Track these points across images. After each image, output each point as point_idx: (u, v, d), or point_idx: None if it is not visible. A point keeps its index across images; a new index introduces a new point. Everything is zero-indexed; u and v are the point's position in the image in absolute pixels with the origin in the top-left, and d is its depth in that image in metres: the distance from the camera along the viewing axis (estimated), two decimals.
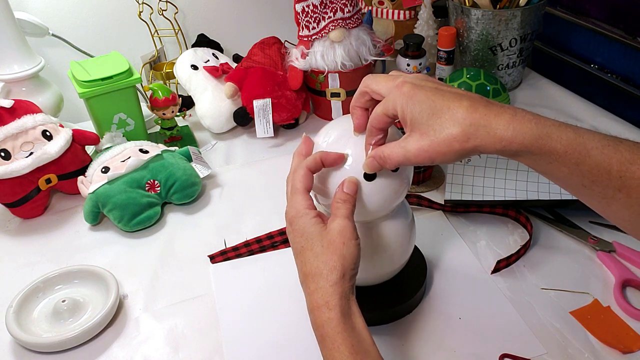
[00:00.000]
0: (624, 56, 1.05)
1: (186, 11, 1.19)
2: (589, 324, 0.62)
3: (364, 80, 0.52)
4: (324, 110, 1.08)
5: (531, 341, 0.60)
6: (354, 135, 0.53)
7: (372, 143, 0.52)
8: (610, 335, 0.60)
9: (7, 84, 0.94)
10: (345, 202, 0.51)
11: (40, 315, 0.68)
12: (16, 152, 0.82)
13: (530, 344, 0.60)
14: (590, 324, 0.62)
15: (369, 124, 0.51)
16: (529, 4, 1.01)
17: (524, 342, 0.60)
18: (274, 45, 1.08)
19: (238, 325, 0.66)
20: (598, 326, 0.61)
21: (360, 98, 0.52)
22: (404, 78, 0.49)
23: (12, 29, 0.92)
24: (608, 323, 0.62)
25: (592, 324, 0.62)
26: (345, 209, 0.51)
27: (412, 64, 1.05)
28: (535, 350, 0.59)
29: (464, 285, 0.68)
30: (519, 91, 1.13)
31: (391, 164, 0.50)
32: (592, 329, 0.61)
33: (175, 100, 0.97)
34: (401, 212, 0.61)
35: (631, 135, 0.94)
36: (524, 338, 0.61)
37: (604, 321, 0.62)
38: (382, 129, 0.51)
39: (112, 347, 0.64)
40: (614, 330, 0.61)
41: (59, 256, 0.79)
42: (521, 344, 0.60)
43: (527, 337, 0.61)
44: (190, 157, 0.90)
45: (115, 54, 0.97)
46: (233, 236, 0.79)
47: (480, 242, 0.75)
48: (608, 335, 0.60)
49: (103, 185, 0.81)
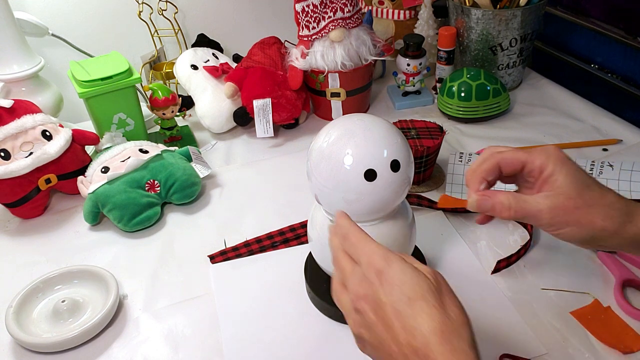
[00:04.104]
0: (624, 56, 1.05)
1: (186, 11, 1.19)
2: (589, 324, 0.62)
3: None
4: (324, 110, 1.07)
5: (531, 341, 0.60)
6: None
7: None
8: (611, 335, 0.60)
9: (6, 84, 0.94)
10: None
11: (40, 315, 0.68)
12: (16, 152, 0.82)
13: (530, 344, 0.60)
14: (591, 324, 0.62)
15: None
16: (529, 4, 1.01)
17: (524, 342, 0.60)
18: (274, 45, 1.08)
19: (238, 325, 0.66)
20: (598, 326, 0.61)
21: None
22: None
23: (11, 28, 0.92)
24: (608, 323, 0.61)
25: (592, 324, 0.62)
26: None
27: (412, 63, 1.05)
28: (535, 350, 0.59)
29: (464, 285, 0.68)
30: (519, 91, 1.13)
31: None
32: (593, 329, 0.61)
33: (175, 100, 0.97)
34: (401, 212, 0.60)
35: (631, 135, 0.94)
36: (524, 338, 0.61)
37: (604, 321, 0.62)
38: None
39: (112, 347, 0.64)
40: (614, 330, 0.61)
41: (58, 256, 0.79)
42: (521, 344, 0.60)
43: (527, 337, 0.61)
44: (190, 157, 0.90)
45: (115, 54, 0.97)
46: (233, 236, 0.79)
47: (480, 242, 0.75)
48: (608, 335, 0.60)
49: (103, 185, 0.81)
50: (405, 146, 0.56)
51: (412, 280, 0.39)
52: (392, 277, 0.39)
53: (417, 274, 0.40)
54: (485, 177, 0.49)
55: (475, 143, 0.96)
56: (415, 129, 0.84)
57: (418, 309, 0.38)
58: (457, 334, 0.37)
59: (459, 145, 0.96)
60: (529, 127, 1.00)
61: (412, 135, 0.83)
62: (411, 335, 0.37)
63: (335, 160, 0.54)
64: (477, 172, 0.50)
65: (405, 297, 0.38)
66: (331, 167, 0.54)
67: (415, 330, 0.37)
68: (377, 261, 0.41)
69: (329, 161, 0.54)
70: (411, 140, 0.82)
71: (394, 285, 0.39)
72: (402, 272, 0.39)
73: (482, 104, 0.99)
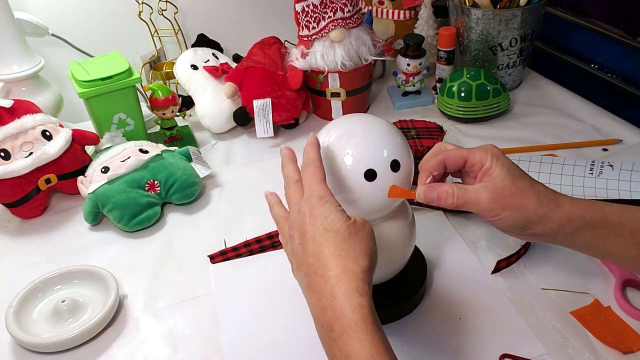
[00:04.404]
0: (624, 56, 1.05)
1: (186, 11, 1.19)
2: (589, 324, 0.62)
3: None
4: (324, 110, 1.07)
5: (531, 341, 0.60)
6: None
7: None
8: (611, 335, 0.60)
9: (6, 84, 0.94)
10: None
11: (40, 315, 0.68)
12: (16, 152, 0.82)
13: (530, 344, 0.60)
14: (591, 324, 0.62)
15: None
16: (529, 3, 1.01)
17: (524, 342, 0.60)
18: (274, 45, 1.08)
19: (238, 325, 0.66)
20: (598, 326, 0.61)
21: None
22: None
23: (11, 28, 0.92)
24: (608, 323, 0.61)
25: (592, 324, 0.62)
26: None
27: (412, 63, 1.05)
28: (535, 350, 0.59)
29: (464, 285, 0.68)
30: (519, 91, 1.13)
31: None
32: (593, 329, 0.61)
33: (175, 100, 0.97)
34: (401, 212, 0.60)
35: (631, 135, 0.94)
36: (524, 338, 0.61)
37: (604, 321, 0.62)
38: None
39: (112, 347, 0.64)
40: (614, 330, 0.61)
41: (58, 256, 0.79)
42: (521, 344, 0.60)
43: (527, 337, 0.61)
44: (190, 157, 0.90)
45: (115, 54, 0.97)
46: (233, 236, 0.79)
47: (480, 242, 0.75)
48: (608, 335, 0.60)
49: (103, 185, 0.81)
50: (405, 146, 0.56)
51: (333, 216, 0.47)
52: (320, 211, 0.47)
53: (340, 214, 0.47)
54: (432, 172, 0.55)
55: (475, 143, 0.96)
56: (415, 129, 0.84)
57: (328, 237, 0.46)
58: (352, 260, 0.45)
59: (458, 145, 0.96)
60: (529, 127, 1.00)
61: (412, 135, 0.83)
62: (316, 258, 0.46)
63: (335, 160, 0.54)
64: (425, 168, 0.55)
65: (322, 228, 0.47)
66: (331, 167, 0.54)
67: (320, 254, 0.46)
68: (314, 199, 0.48)
69: (329, 161, 0.54)
70: (411, 140, 0.82)
71: (318, 217, 0.47)
72: (329, 210, 0.47)
73: (482, 104, 0.99)
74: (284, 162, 0.54)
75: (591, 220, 0.51)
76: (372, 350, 0.41)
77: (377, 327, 0.43)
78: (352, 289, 0.44)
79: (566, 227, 0.51)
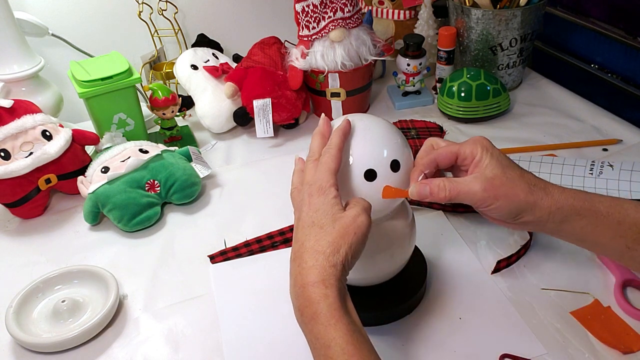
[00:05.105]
0: (624, 56, 1.05)
1: (186, 11, 1.19)
2: (589, 324, 0.62)
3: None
4: (324, 110, 1.07)
5: (531, 341, 0.60)
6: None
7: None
8: (611, 335, 0.60)
9: (6, 84, 0.94)
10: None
11: (40, 315, 0.68)
12: (16, 152, 0.82)
13: (530, 344, 0.60)
14: (591, 324, 0.62)
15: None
16: (529, 3, 1.01)
17: (524, 342, 0.60)
18: (274, 45, 1.08)
19: (238, 325, 0.66)
20: (598, 326, 0.61)
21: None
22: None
23: (11, 28, 0.92)
24: (608, 323, 0.61)
25: (592, 324, 0.62)
26: (367, 203, 0.52)
27: (412, 63, 1.05)
28: (535, 350, 0.59)
29: (464, 285, 0.68)
30: (519, 91, 1.13)
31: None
32: (593, 329, 0.61)
33: (175, 100, 0.97)
34: (401, 212, 0.61)
35: (631, 135, 0.94)
36: (524, 338, 0.61)
37: (604, 321, 0.62)
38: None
39: (112, 347, 0.64)
40: (614, 330, 0.61)
41: (58, 256, 0.79)
42: (521, 344, 0.60)
43: (527, 337, 0.61)
44: (190, 157, 0.90)
45: (115, 54, 0.97)
46: (233, 236, 0.79)
47: (480, 242, 0.75)
48: (608, 335, 0.60)
49: (103, 185, 0.81)
50: (405, 146, 0.56)
51: (323, 209, 0.49)
52: (314, 202, 0.50)
53: (331, 209, 0.49)
54: (423, 170, 0.55)
55: None
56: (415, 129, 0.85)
57: (312, 231, 0.49)
58: (326, 256, 0.47)
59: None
60: (529, 127, 1.00)
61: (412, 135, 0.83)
62: (299, 246, 0.49)
63: None
64: (417, 166, 0.56)
65: (311, 220, 0.49)
66: None
67: (302, 245, 0.49)
68: (315, 188, 0.50)
69: None
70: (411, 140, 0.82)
71: (311, 208, 0.50)
72: (322, 203, 0.49)
73: (482, 104, 0.99)
74: (315, 132, 0.56)
75: (580, 209, 0.52)
76: (335, 334, 0.45)
77: (343, 315, 0.46)
78: (319, 281, 0.47)
79: (556, 215, 0.53)
